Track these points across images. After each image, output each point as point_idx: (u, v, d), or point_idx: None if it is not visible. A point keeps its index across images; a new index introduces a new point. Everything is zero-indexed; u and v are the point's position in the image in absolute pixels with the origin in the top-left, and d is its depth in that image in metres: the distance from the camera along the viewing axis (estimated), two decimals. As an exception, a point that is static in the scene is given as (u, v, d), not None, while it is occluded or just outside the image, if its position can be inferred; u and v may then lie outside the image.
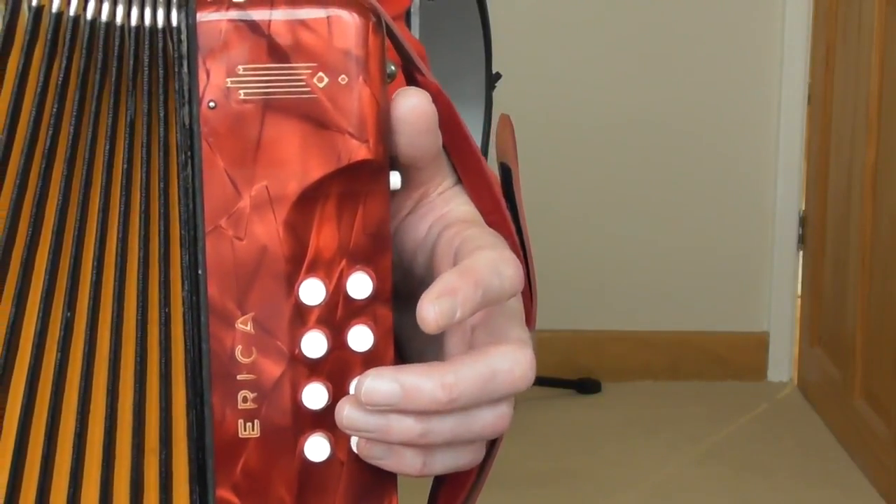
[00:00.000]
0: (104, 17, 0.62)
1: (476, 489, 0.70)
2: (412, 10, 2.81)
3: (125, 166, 0.63)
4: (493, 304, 0.63)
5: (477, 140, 2.93)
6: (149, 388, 0.64)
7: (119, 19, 0.62)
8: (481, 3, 2.92)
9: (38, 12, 0.62)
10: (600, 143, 3.49)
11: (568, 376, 3.51)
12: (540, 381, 3.45)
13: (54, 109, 0.62)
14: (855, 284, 3.12)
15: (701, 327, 3.57)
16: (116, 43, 0.62)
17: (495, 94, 3.00)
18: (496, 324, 0.65)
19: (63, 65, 0.62)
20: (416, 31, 2.82)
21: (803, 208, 3.54)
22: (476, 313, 0.64)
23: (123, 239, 0.63)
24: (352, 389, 0.63)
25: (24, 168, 0.62)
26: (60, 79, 0.62)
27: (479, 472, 0.69)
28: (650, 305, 3.56)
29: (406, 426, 0.62)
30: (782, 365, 3.59)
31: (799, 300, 3.58)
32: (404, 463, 0.64)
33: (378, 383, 0.62)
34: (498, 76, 2.98)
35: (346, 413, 0.62)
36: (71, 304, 0.63)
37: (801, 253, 3.56)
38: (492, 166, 0.73)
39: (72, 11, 0.62)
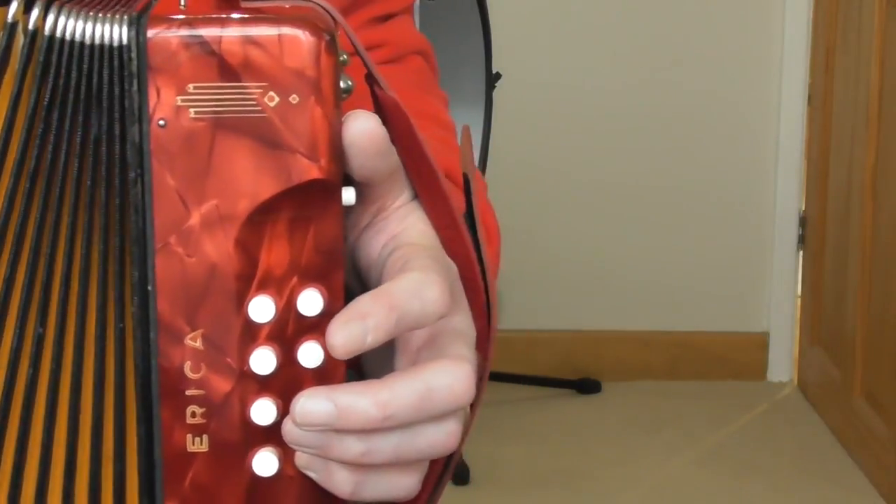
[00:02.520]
0: (67, 34, 0.62)
1: None
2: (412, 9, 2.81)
3: (89, 183, 0.63)
4: (416, 328, 0.63)
5: (476, 140, 2.92)
6: (106, 401, 0.64)
7: (78, 36, 0.63)
8: (481, 3, 2.92)
9: (11, 30, 0.62)
10: (600, 143, 3.49)
11: (568, 376, 3.51)
12: (540, 381, 3.45)
13: (40, 130, 0.63)
14: (855, 284, 3.12)
15: (701, 327, 3.57)
16: (86, 61, 0.63)
17: (495, 94, 3.00)
18: (440, 343, 0.65)
19: (50, 85, 0.62)
20: (415, 31, 2.82)
21: (803, 208, 3.54)
22: (420, 334, 0.64)
23: (86, 256, 0.63)
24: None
25: (13, 190, 0.63)
26: (47, 99, 0.62)
27: (433, 491, 0.69)
28: (650, 305, 3.56)
29: (347, 444, 0.62)
30: (782, 365, 3.59)
31: (799, 300, 3.58)
32: (334, 482, 0.64)
33: (311, 403, 0.61)
34: (498, 76, 2.98)
35: (288, 429, 0.63)
36: (43, 319, 0.64)
37: (801, 253, 3.56)
38: (492, 171, 0.72)
39: (31, 25, 0.62)
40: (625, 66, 3.46)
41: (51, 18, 0.62)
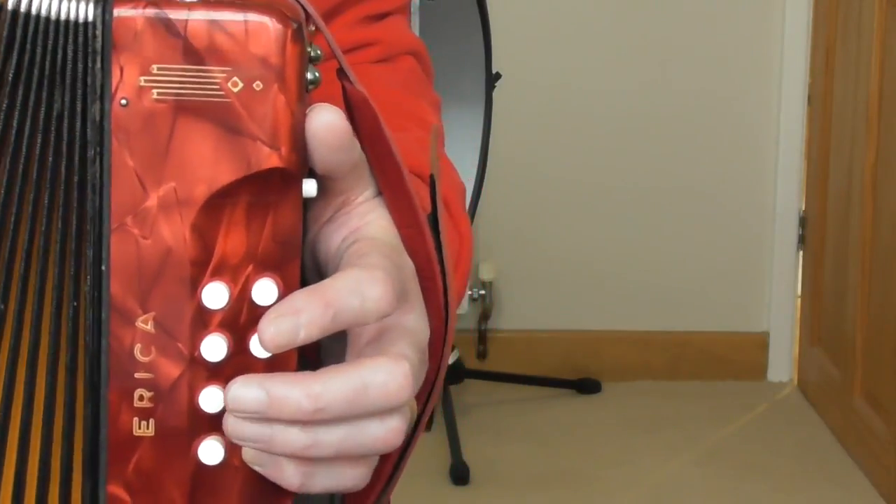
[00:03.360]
0: (33, 9, 0.62)
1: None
2: (412, 9, 2.80)
3: (51, 159, 0.63)
4: (356, 325, 0.63)
5: (476, 141, 2.92)
6: (58, 382, 0.64)
7: (44, 11, 0.62)
8: (481, 3, 2.92)
9: None
10: (600, 143, 3.49)
11: (568, 376, 3.51)
12: (540, 381, 3.45)
13: (5, 105, 0.62)
14: (855, 284, 3.12)
15: (701, 327, 3.57)
16: (51, 37, 0.62)
17: (495, 93, 3.00)
18: (385, 340, 0.65)
19: (15, 60, 0.62)
20: (415, 30, 2.82)
21: (803, 208, 3.54)
22: (368, 329, 0.64)
23: (46, 233, 0.63)
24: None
25: None
26: (12, 74, 0.62)
27: (384, 487, 0.68)
28: (650, 305, 3.56)
29: (291, 437, 0.62)
30: (782, 365, 3.59)
31: (799, 300, 3.58)
32: (283, 476, 0.63)
33: (244, 391, 0.61)
34: (498, 76, 2.98)
35: (231, 421, 0.62)
36: (4, 296, 0.63)
37: (801, 253, 3.56)
38: (492, 171, 0.72)
39: (10, 5, 0.62)
40: (624, 66, 3.46)
41: None
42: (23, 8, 0.62)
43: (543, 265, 3.55)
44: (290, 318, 0.61)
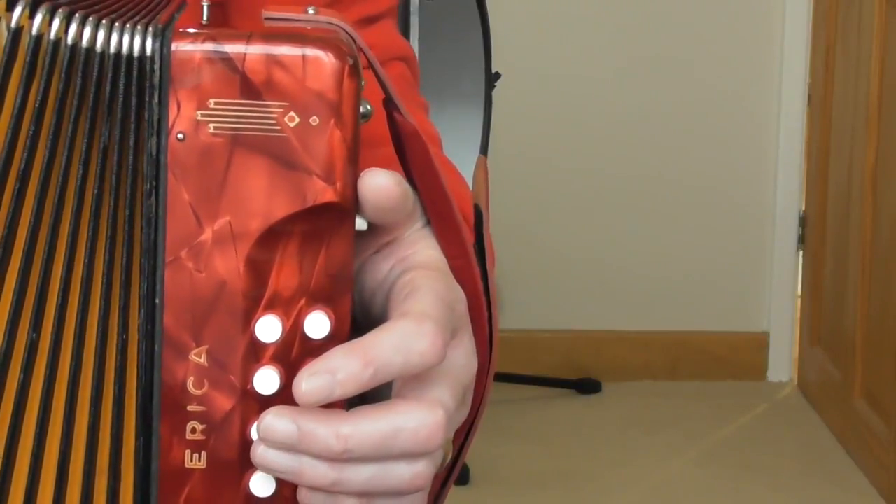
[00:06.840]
0: (84, 42, 0.62)
1: None
2: (412, 9, 2.81)
3: (95, 192, 0.63)
4: (401, 377, 0.63)
5: (476, 140, 2.92)
6: (103, 412, 0.64)
7: (99, 46, 0.62)
8: (481, 3, 2.92)
9: (16, 34, 0.62)
10: (600, 142, 3.49)
11: (568, 376, 3.51)
12: (540, 381, 3.45)
13: (31, 131, 0.62)
14: (855, 284, 3.12)
15: (701, 327, 3.57)
16: (95, 69, 0.62)
17: (495, 93, 3.00)
18: (425, 381, 0.64)
19: (41, 87, 0.62)
20: (415, 30, 2.82)
21: (803, 208, 3.54)
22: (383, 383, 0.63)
23: (89, 264, 0.63)
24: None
25: None
26: (38, 101, 0.62)
27: None
28: (650, 305, 3.56)
29: (319, 472, 0.62)
30: (782, 365, 3.59)
31: (799, 300, 3.58)
32: None
33: (276, 422, 0.62)
34: (497, 75, 2.97)
35: (260, 451, 0.62)
36: (36, 325, 0.63)
37: (801, 253, 3.56)
38: (492, 171, 0.72)
39: (52, 35, 0.62)
40: (624, 67, 3.46)
41: (73, 28, 0.62)
42: (70, 41, 0.62)
43: (543, 265, 3.55)
44: (325, 375, 0.61)
